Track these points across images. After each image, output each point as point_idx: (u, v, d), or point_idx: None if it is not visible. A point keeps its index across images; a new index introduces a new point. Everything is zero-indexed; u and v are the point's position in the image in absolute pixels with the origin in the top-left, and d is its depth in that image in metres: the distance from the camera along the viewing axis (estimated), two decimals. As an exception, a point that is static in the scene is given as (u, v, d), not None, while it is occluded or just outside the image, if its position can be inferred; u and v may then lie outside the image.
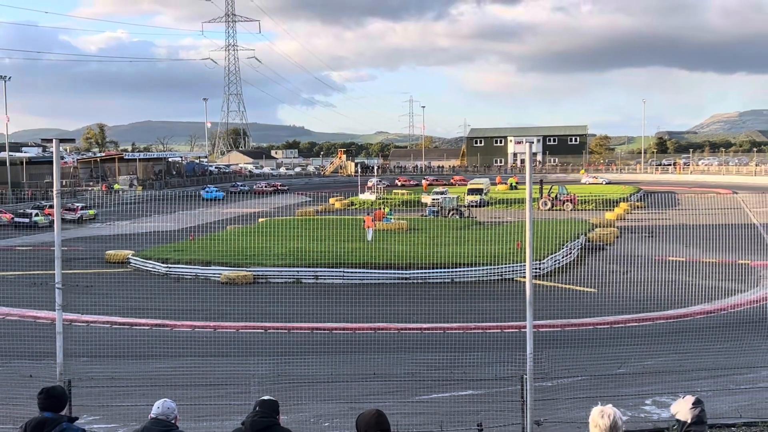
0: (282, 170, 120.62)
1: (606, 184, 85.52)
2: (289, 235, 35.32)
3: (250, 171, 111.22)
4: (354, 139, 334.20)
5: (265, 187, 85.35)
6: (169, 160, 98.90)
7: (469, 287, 27.06)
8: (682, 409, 4.68)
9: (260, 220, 43.88)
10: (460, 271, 28.49)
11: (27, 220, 48.38)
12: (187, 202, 41.55)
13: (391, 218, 42.47)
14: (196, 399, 12.46)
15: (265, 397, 5.25)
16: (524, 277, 10.55)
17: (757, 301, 24.17)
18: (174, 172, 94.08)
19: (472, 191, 62.13)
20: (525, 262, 9.91)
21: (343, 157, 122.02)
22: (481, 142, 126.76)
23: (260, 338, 19.49)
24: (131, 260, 32.30)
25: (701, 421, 4.62)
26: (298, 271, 28.91)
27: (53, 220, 10.71)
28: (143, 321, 21.73)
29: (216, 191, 76.42)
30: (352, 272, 28.45)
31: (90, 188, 71.29)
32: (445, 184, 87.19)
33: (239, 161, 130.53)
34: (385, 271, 28.37)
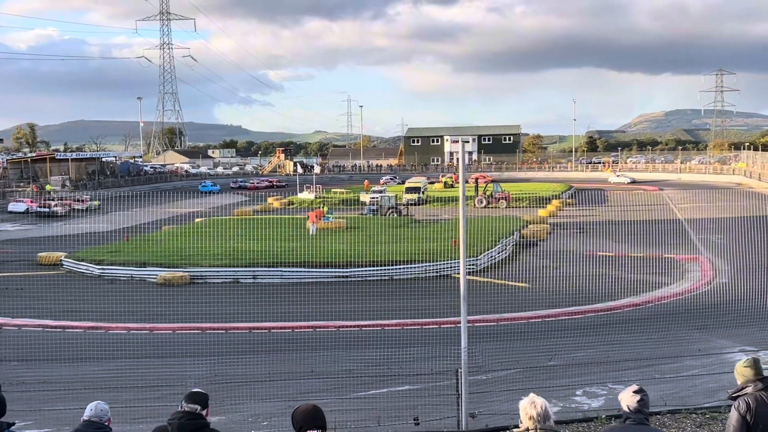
0: (219, 170, 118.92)
1: (629, 183, 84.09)
2: (227, 235, 34.88)
3: (186, 171, 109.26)
4: (292, 139, 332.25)
5: (258, 183, 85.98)
6: (103, 160, 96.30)
7: (407, 284, 27.22)
8: (625, 396, 4.94)
9: (197, 220, 43.18)
10: (398, 269, 28.58)
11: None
12: (129, 201, 40.62)
13: (330, 217, 42.38)
14: (130, 401, 12.19)
15: (194, 389, 5.15)
16: (460, 273, 10.69)
17: (681, 293, 25.06)
18: (108, 173, 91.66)
19: (409, 190, 62.51)
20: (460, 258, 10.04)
21: (282, 156, 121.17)
22: (418, 142, 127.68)
23: (197, 339, 19.20)
24: (64, 262, 31.36)
25: (641, 408, 4.86)
26: (235, 271, 28.56)
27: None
28: (76, 324, 21.13)
29: (211, 185, 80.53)
30: (290, 271, 28.27)
31: (21, 189, 68.83)
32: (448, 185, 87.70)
33: (175, 161, 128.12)
34: (323, 270, 28.27)
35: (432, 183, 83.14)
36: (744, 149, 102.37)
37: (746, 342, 17.49)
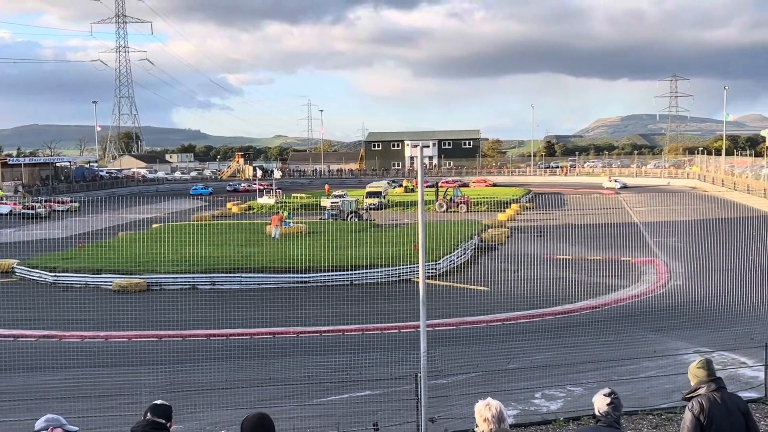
0: (177, 174, 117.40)
1: (622, 187, 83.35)
2: (185, 240, 34.42)
3: (143, 176, 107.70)
4: (252, 143, 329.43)
5: (248, 187, 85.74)
6: (57, 165, 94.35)
7: (367, 289, 27.19)
8: (597, 399, 5.08)
9: (154, 225, 42.54)
10: (358, 274, 28.57)
11: None
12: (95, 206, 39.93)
13: (290, 222, 42.15)
14: (84, 411, 11.91)
15: (158, 402, 5.09)
16: (419, 277, 10.70)
17: (638, 295, 25.48)
18: (62, 178, 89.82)
19: (370, 194, 62.54)
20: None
21: (241, 160, 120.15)
22: (379, 146, 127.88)
23: (154, 347, 18.88)
24: (16, 269, 30.60)
25: (612, 411, 4.99)
26: (193, 278, 28.19)
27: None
28: (29, 332, 20.62)
29: (202, 188, 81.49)
30: (249, 277, 28.02)
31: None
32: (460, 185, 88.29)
33: (132, 166, 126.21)
34: (283, 276, 28.09)
35: (396, 186, 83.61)
36: (698, 154, 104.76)
37: (701, 343, 17.85)
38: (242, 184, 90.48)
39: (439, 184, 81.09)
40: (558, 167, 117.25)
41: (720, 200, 53.68)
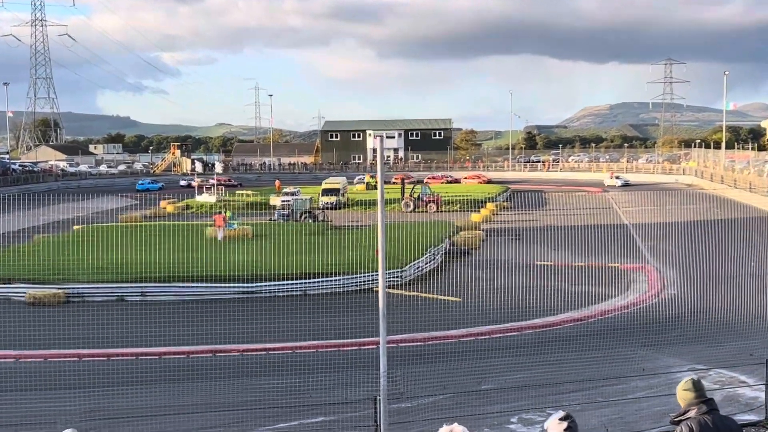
0: (102, 168, 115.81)
1: (624, 185, 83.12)
2: (111, 245, 33.98)
3: (62, 169, 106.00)
4: (191, 132, 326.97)
5: (203, 182, 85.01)
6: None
7: (324, 300, 27.17)
8: (551, 424, 5.01)
9: (75, 227, 41.90)
10: (313, 283, 28.52)
11: None
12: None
13: (233, 224, 41.88)
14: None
15: (69, 430, 5.02)
16: (379, 287, 10.72)
17: (627, 306, 25.88)
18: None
19: (327, 192, 62.44)
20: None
21: (177, 152, 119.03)
22: (337, 137, 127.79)
23: (73, 368, 18.59)
24: None
25: None
26: (121, 288, 27.86)
27: None
28: (-75, 353, 20.16)
29: (150, 183, 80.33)
30: (187, 287, 27.78)
31: None
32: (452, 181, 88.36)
33: (50, 158, 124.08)
34: (226, 285, 27.90)
35: (361, 182, 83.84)
36: (695, 147, 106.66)
37: (697, 359, 18.20)
38: (192, 179, 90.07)
39: (425, 181, 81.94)
40: (539, 161, 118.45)
41: (719, 199, 54.73)
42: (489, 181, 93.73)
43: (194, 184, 76.89)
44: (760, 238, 32.56)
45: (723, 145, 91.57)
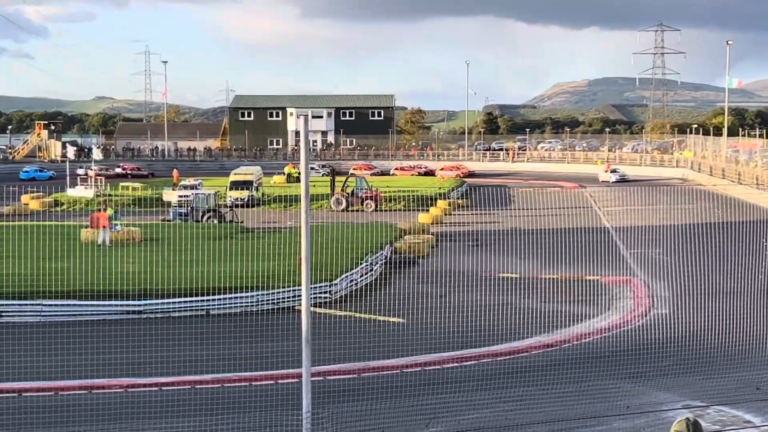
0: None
1: (617, 181, 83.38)
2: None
3: None
4: (62, 108, 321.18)
5: (108, 171, 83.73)
6: None
7: (231, 322, 26.93)
8: None
9: None
10: (218, 300, 28.35)
11: None
12: None
13: (117, 225, 41.28)
14: None
15: None
16: (302, 305, 10.64)
17: (608, 329, 26.23)
18: None
19: (236, 185, 62.01)
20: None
21: (44, 133, 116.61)
22: (250, 115, 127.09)
23: None
24: None
25: None
26: (-31, 306, 27.25)
27: None
28: None
29: (37, 171, 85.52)
30: (55, 305, 27.31)
31: None
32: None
33: None
34: (107, 303, 27.53)
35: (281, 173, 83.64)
36: (691, 133, 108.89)
37: (692, 394, 18.54)
38: (89, 166, 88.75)
39: (392, 171, 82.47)
40: (502, 149, 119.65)
41: (719, 197, 55.97)
42: (471, 174, 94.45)
43: (91, 173, 76.13)
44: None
45: (725, 131, 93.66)
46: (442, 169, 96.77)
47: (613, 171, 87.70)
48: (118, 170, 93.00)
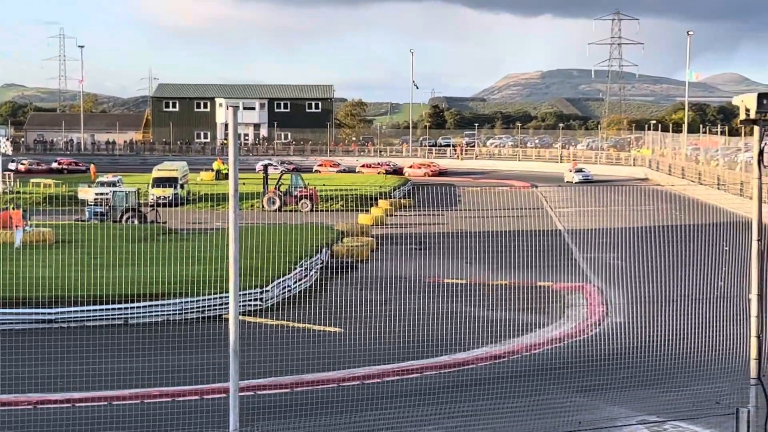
0: None
1: (581, 182, 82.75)
2: None
3: None
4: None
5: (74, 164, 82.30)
6: None
7: (153, 332, 26.70)
8: None
9: None
10: (139, 308, 28.20)
11: None
12: None
13: (29, 226, 40.76)
14: None
15: None
16: (230, 313, 10.60)
17: (560, 339, 26.51)
18: None
19: (160, 182, 61.55)
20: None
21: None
22: (175, 106, 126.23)
23: None
24: None
25: None
26: None
27: None
28: None
29: None
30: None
31: None
32: None
33: None
34: (14, 311, 27.39)
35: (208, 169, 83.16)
36: (649, 129, 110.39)
37: (649, 409, 18.79)
38: (21, 159, 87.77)
39: (358, 168, 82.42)
40: (449, 145, 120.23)
41: (678, 198, 56.75)
42: (442, 173, 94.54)
43: (21, 167, 75.28)
44: (732, 251, 33.93)
45: (685, 127, 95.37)
46: (410, 166, 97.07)
47: (578, 171, 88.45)
48: (54, 165, 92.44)
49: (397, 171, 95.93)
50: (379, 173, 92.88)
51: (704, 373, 21.35)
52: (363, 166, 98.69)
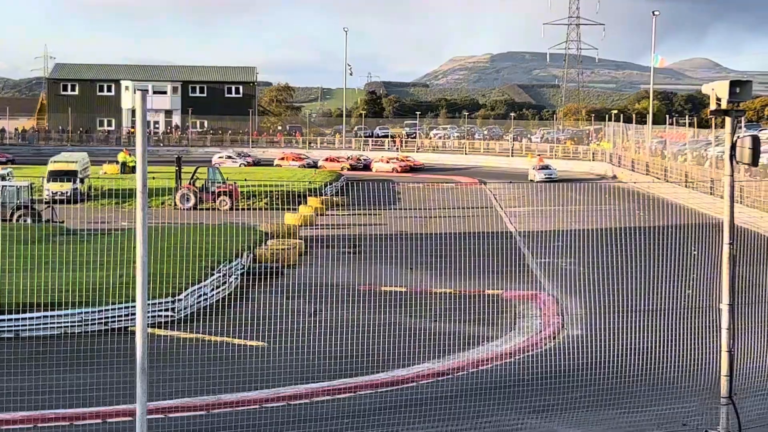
0: None
1: (542, 181, 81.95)
2: None
3: None
4: None
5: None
6: None
7: (47, 346, 26.38)
8: None
9: None
10: (31, 319, 27.93)
11: None
12: None
13: None
14: None
15: None
16: (137, 326, 10.53)
17: (510, 354, 26.66)
18: None
19: (57, 175, 60.92)
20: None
21: None
22: (74, 89, 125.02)
23: None
24: None
25: None
26: None
27: None
28: None
29: None
30: None
31: None
32: None
33: None
34: None
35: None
36: (610, 120, 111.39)
37: (609, 431, 18.98)
38: None
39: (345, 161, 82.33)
40: (388, 136, 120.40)
41: (643, 197, 57.44)
42: (413, 168, 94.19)
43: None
44: (702, 255, 34.38)
45: (650, 118, 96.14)
46: (378, 160, 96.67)
47: (542, 168, 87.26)
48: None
49: (367, 166, 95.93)
50: (342, 168, 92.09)
51: (670, 391, 21.63)
52: (327, 159, 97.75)
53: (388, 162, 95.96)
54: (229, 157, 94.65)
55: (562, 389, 22.46)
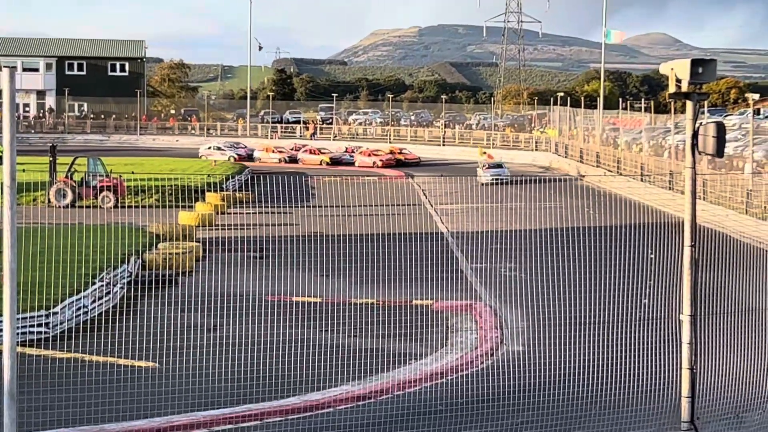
0: None
1: (494, 182, 78.11)
2: None
3: None
4: None
5: None
6: None
7: None
8: None
9: None
10: None
11: None
12: None
13: None
14: None
15: None
16: (4, 344, 10.40)
17: (442, 373, 26.72)
18: None
19: None
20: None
21: None
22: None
23: None
24: None
25: None
26: None
27: None
28: None
29: None
30: None
31: None
32: None
33: None
34: None
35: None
36: (556, 104, 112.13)
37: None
38: None
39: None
40: (299, 122, 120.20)
41: (593, 192, 57.91)
42: (404, 163, 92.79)
43: None
44: (660, 259, 34.76)
45: (600, 101, 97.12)
46: (361, 153, 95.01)
47: (491, 166, 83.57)
48: None
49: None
50: (321, 162, 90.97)
51: (624, 415, 21.80)
52: (307, 151, 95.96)
53: (369, 156, 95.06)
54: (218, 148, 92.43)
55: (500, 414, 22.54)
